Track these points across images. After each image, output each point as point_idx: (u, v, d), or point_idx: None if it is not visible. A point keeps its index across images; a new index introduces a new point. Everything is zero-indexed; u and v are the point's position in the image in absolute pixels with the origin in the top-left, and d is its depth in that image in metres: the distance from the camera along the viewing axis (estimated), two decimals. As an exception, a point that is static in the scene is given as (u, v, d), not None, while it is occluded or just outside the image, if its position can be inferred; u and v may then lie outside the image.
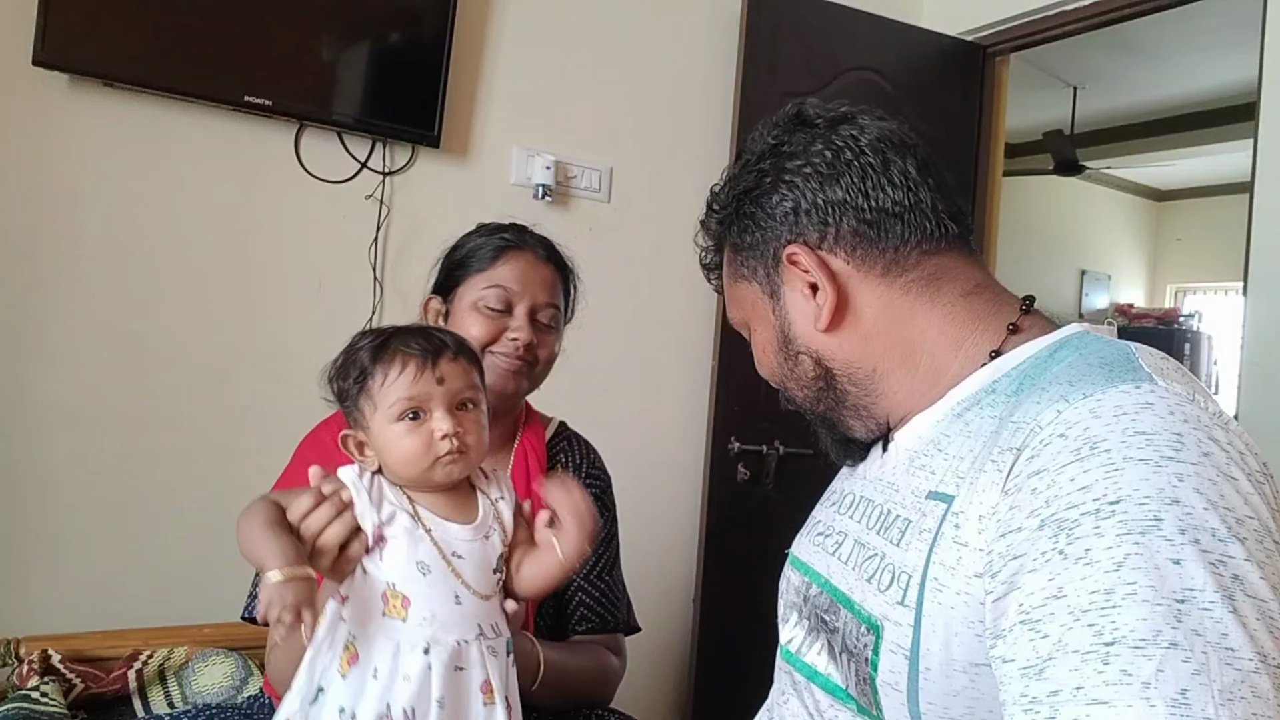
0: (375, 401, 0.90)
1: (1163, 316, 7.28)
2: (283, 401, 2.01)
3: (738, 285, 0.87)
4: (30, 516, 1.81)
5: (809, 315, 0.79)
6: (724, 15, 2.51)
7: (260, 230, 2.01)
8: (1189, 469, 0.56)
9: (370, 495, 0.90)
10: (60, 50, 1.74)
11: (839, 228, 0.78)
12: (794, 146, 0.80)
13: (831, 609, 0.78)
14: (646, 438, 2.42)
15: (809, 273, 0.78)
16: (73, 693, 1.48)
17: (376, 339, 0.94)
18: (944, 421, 0.74)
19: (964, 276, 0.79)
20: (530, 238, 1.29)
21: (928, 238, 0.78)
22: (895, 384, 0.79)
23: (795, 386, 0.85)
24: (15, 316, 1.80)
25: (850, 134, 0.79)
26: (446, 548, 0.90)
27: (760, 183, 0.82)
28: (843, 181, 0.77)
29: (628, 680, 1.35)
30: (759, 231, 0.82)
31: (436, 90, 2.10)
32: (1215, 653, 0.51)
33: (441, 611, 0.88)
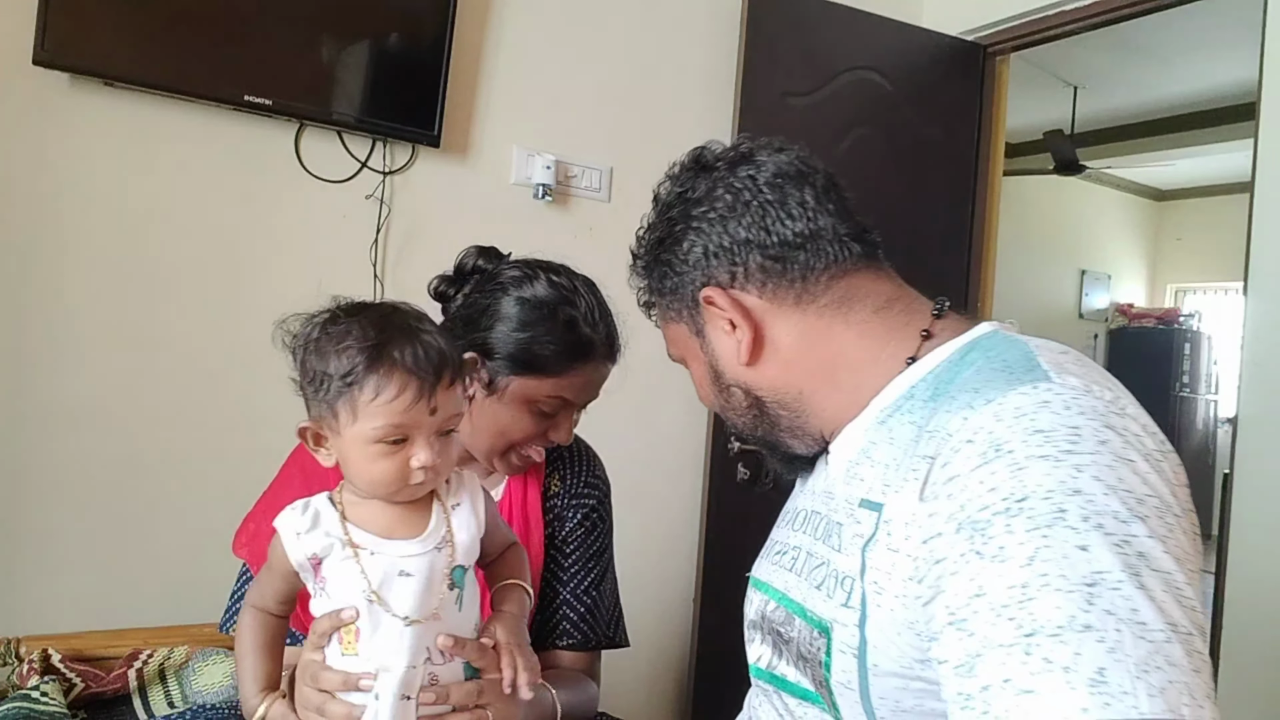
0: (356, 413, 0.82)
1: (1163, 316, 7.29)
2: (283, 402, 2.00)
3: (669, 326, 0.91)
4: (30, 516, 1.81)
5: (732, 350, 0.84)
6: (724, 15, 2.51)
7: (260, 230, 2.01)
8: (1087, 459, 0.59)
9: (300, 531, 0.86)
10: (60, 50, 1.74)
11: (746, 265, 0.81)
12: (698, 193, 0.85)
13: (786, 620, 0.81)
14: (647, 438, 2.42)
15: (725, 311, 0.82)
16: (73, 692, 1.48)
17: (369, 339, 0.84)
18: (870, 429, 0.77)
19: (875, 293, 0.82)
20: (601, 334, 1.13)
21: (833, 262, 0.81)
22: (822, 402, 0.82)
23: (732, 415, 0.89)
24: (15, 316, 1.80)
25: (748, 174, 0.83)
26: (392, 569, 0.84)
27: (671, 231, 0.86)
28: (744, 221, 0.81)
29: (627, 681, 1.35)
30: (675, 277, 0.86)
31: (436, 90, 2.10)
32: (1128, 629, 0.53)
33: (391, 638, 0.83)
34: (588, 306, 1.14)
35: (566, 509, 1.24)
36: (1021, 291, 6.09)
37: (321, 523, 0.86)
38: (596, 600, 1.25)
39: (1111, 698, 0.51)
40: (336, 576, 0.85)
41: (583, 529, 1.25)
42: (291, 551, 0.86)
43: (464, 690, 0.88)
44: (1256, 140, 2.07)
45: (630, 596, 1.40)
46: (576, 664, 1.22)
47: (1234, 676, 2.00)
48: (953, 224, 2.79)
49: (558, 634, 1.22)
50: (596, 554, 1.26)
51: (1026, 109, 4.85)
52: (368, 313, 0.88)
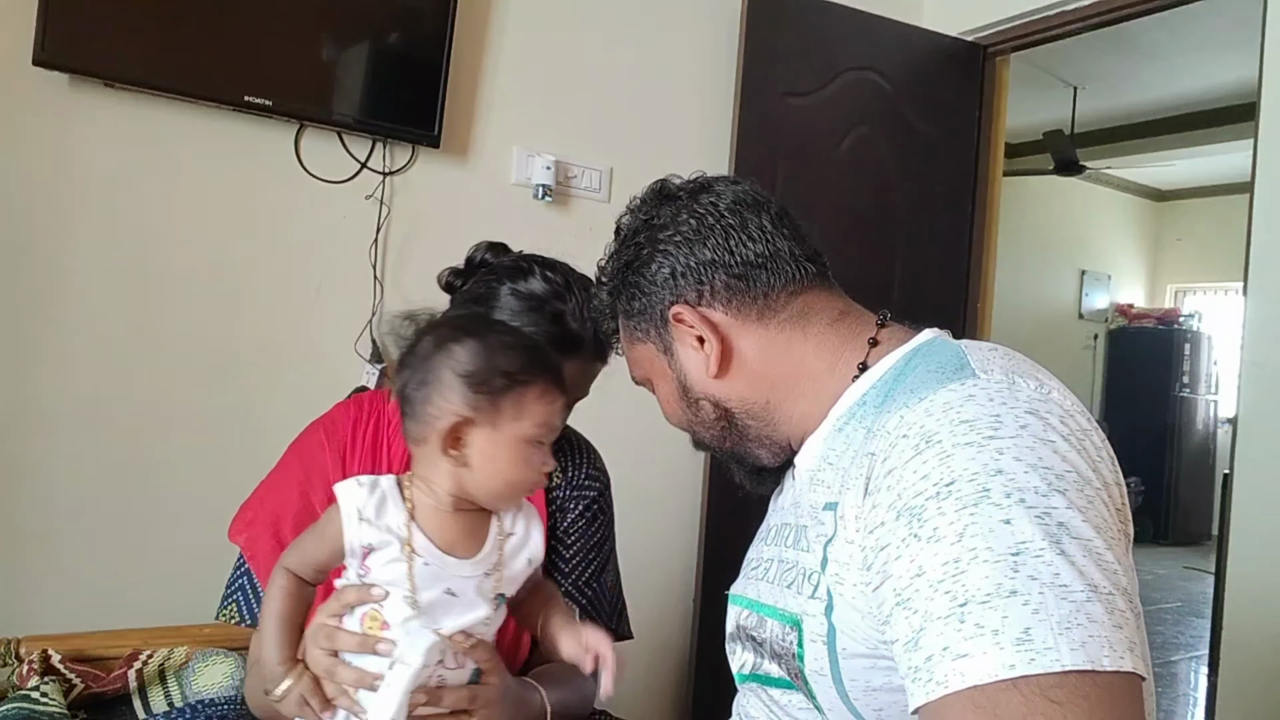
0: (522, 410, 0.86)
1: (1163, 316, 7.29)
2: (283, 401, 2.01)
3: (635, 348, 0.95)
4: (30, 516, 1.81)
5: (700, 365, 0.88)
6: (724, 15, 2.51)
7: (260, 230, 2.01)
8: (1008, 442, 0.64)
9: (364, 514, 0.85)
10: (60, 50, 1.74)
11: (713, 284, 0.87)
12: (663, 219, 0.90)
13: (759, 624, 0.85)
14: (646, 437, 2.42)
15: (694, 328, 0.87)
16: (73, 692, 1.48)
17: (532, 344, 0.91)
18: (829, 437, 0.83)
19: (828, 308, 0.89)
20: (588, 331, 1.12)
21: (791, 280, 0.88)
22: (789, 410, 0.88)
23: (701, 429, 0.93)
24: (15, 316, 1.80)
25: (710, 201, 0.89)
26: (440, 585, 0.85)
27: (639, 255, 0.90)
28: (709, 243, 0.87)
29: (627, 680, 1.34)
30: (644, 298, 0.90)
31: (436, 90, 2.10)
32: (1050, 591, 0.58)
33: (417, 640, 0.84)
34: (578, 303, 1.14)
35: (568, 500, 1.24)
36: (1021, 291, 6.09)
37: (386, 514, 0.86)
38: (598, 592, 1.24)
39: (1036, 653, 0.56)
40: (383, 573, 0.85)
41: (584, 520, 1.24)
42: (350, 533, 0.85)
43: (456, 695, 0.88)
44: (1256, 140, 2.07)
45: (630, 596, 1.40)
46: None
47: (1234, 676, 2.00)
48: (953, 224, 2.79)
49: None
50: (597, 545, 1.25)
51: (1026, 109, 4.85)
52: (498, 323, 0.97)
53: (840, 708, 0.75)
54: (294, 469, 1.19)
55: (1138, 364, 7.01)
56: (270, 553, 1.08)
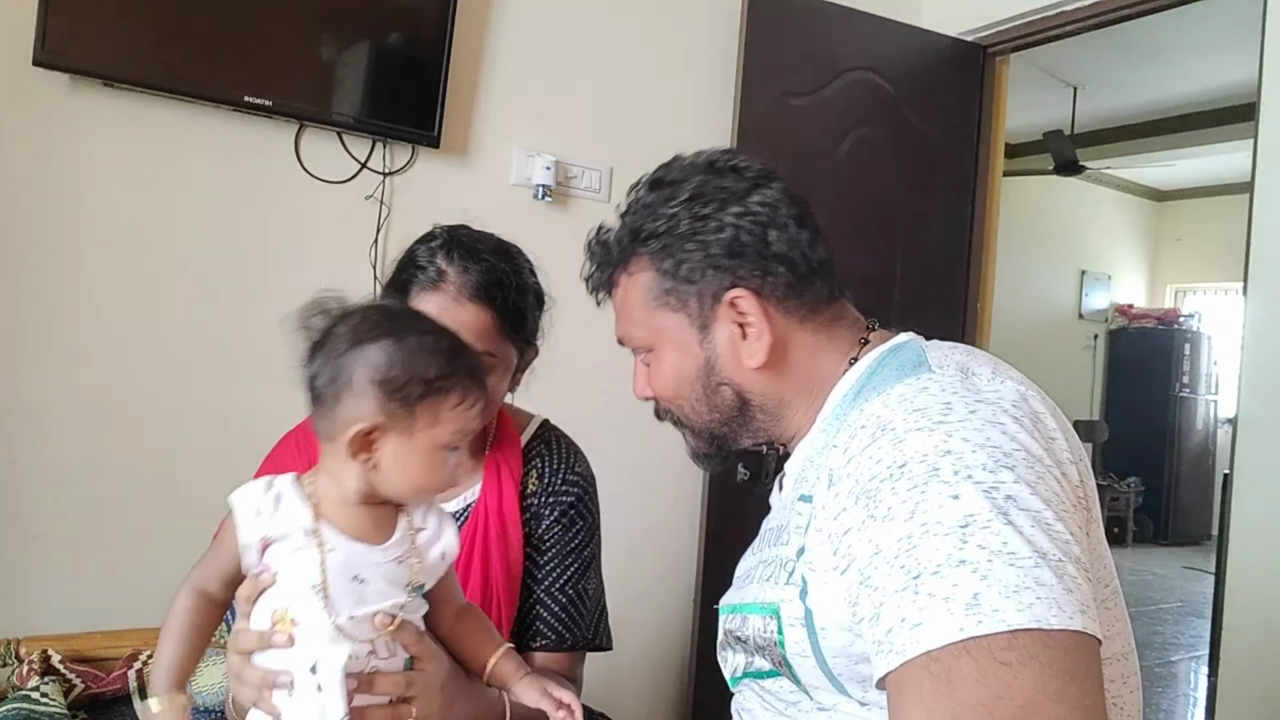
0: (438, 417, 0.83)
1: (1163, 316, 7.29)
2: (283, 401, 2.00)
3: (656, 312, 0.90)
4: (30, 516, 1.81)
5: (737, 352, 0.87)
6: (724, 15, 2.51)
7: (260, 230, 2.01)
8: (956, 425, 0.68)
9: (261, 511, 0.85)
10: (60, 50, 1.74)
11: (776, 278, 0.86)
12: (733, 191, 0.87)
13: (741, 624, 0.86)
14: (646, 437, 2.42)
15: (747, 316, 0.86)
16: (73, 693, 1.49)
17: (451, 347, 0.86)
18: (813, 438, 0.86)
19: (849, 317, 0.91)
20: (458, 267, 1.11)
21: (833, 289, 0.90)
22: (795, 410, 0.90)
23: (704, 409, 0.92)
24: (15, 316, 1.80)
25: (779, 193, 0.88)
26: (348, 570, 0.83)
27: (703, 220, 0.86)
28: (783, 236, 0.86)
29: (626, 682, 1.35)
30: (698, 268, 0.86)
31: (436, 90, 2.10)
32: (998, 559, 0.60)
33: (330, 632, 0.82)
34: (449, 244, 1.14)
35: (544, 506, 1.21)
36: (1021, 291, 6.09)
37: (283, 507, 0.85)
38: (574, 599, 1.20)
39: (984, 616, 0.58)
40: (287, 564, 0.84)
41: (560, 525, 1.21)
42: (243, 529, 0.85)
43: (391, 680, 0.87)
44: (1256, 140, 2.07)
45: (630, 597, 1.39)
46: (552, 665, 1.17)
47: (1234, 676, 2.00)
48: (953, 224, 2.79)
49: (531, 634, 1.17)
50: (575, 550, 1.22)
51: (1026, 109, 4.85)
52: (419, 319, 0.90)
53: (826, 685, 0.77)
54: (291, 457, 1.19)
55: (1137, 364, 7.01)
56: None
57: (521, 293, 1.15)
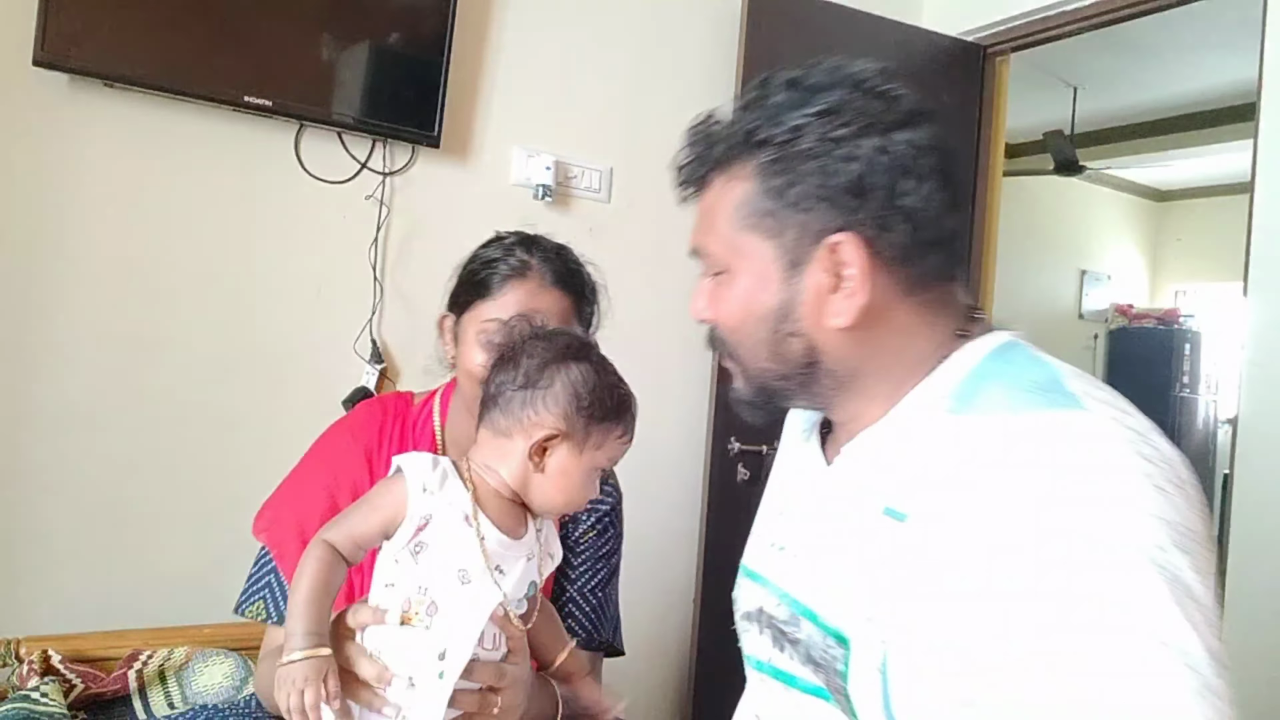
0: (604, 443, 0.93)
1: (1163, 317, 7.28)
2: (283, 401, 2.01)
3: (744, 233, 0.77)
4: (30, 516, 1.81)
5: (823, 304, 0.74)
6: (724, 15, 2.51)
7: (260, 230, 2.01)
8: (1126, 491, 0.59)
9: (428, 486, 0.88)
10: (60, 50, 1.74)
11: (894, 234, 0.72)
12: (877, 122, 0.72)
13: (792, 620, 0.78)
14: (646, 438, 2.41)
15: (848, 267, 0.72)
16: (73, 693, 1.48)
17: (623, 386, 0.96)
18: (891, 434, 0.75)
19: (954, 301, 0.79)
20: (539, 259, 1.20)
21: (951, 266, 0.77)
22: (868, 389, 0.78)
23: (763, 354, 0.80)
24: (15, 316, 1.80)
25: (932, 138, 0.74)
26: (493, 559, 0.88)
27: (834, 147, 0.72)
28: (919, 190, 0.72)
29: (627, 681, 1.35)
30: (809, 198, 0.73)
31: (436, 90, 2.10)
32: (1178, 661, 0.53)
33: (467, 624, 0.86)
34: (523, 241, 1.22)
35: (581, 511, 1.25)
36: (1021, 291, 6.09)
37: (448, 488, 0.89)
38: (602, 602, 1.27)
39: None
40: (443, 544, 0.87)
41: (594, 531, 1.27)
42: (414, 503, 0.87)
43: (487, 670, 0.89)
44: (1256, 140, 2.07)
45: (630, 597, 1.40)
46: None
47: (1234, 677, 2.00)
48: (953, 224, 2.78)
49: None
50: (605, 556, 1.28)
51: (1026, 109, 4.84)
52: (607, 361, 0.99)
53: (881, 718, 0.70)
54: (320, 470, 1.20)
55: (1138, 364, 7.00)
56: (297, 553, 1.09)
57: (589, 282, 1.27)
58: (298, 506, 1.17)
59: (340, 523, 0.90)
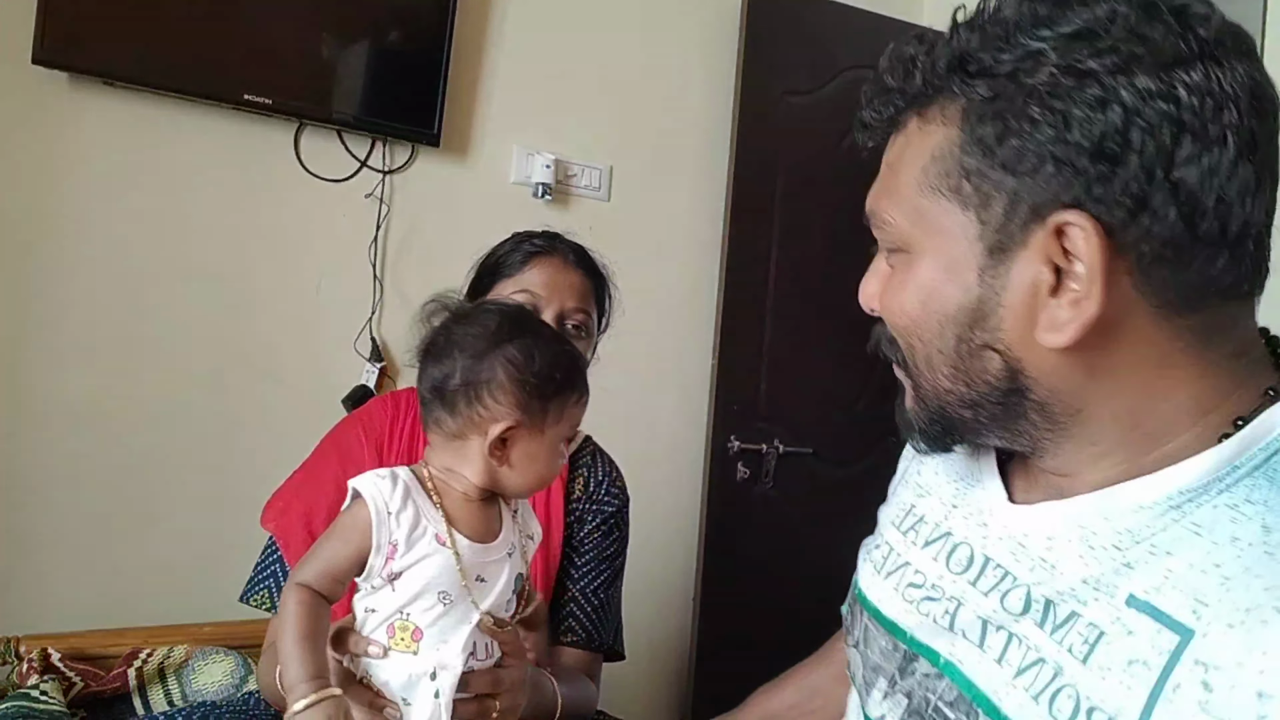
0: (562, 414, 0.89)
1: None
2: (282, 400, 2.01)
3: (933, 196, 0.57)
4: (30, 516, 1.81)
5: (1034, 312, 0.54)
6: (724, 15, 2.51)
7: (260, 229, 2.01)
8: None
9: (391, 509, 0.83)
10: (60, 50, 1.74)
11: (1156, 224, 0.51)
12: (1156, 54, 0.50)
13: (963, 707, 0.59)
14: (646, 437, 2.42)
15: (1074, 262, 0.52)
16: (73, 691, 1.48)
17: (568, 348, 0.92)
18: (1152, 512, 0.54)
19: (1240, 333, 0.56)
20: (561, 243, 1.27)
21: (1240, 281, 0.54)
22: (1095, 437, 0.57)
23: (944, 369, 0.60)
24: (15, 316, 1.80)
25: (1249, 84, 0.52)
26: (471, 572, 0.85)
27: (1079, 86, 0.51)
28: (1206, 159, 0.50)
29: (627, 681, 1.35)
30: (1031, 156, 0.52)
31: (436, 89, 2.10)
32: None
33: (454, 638, 0.84)
34: (545, 233, 1.28)
35: (587, 512, 1.28)
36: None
37: (413, 506, 0.84)
38: (603, 603, 1.27)
39: None
40: (419, 570, 0.83)
41: (599, 532, 1.28)
42: (379, 531, 0.82)
43: (481, 679, 0.89)
44: (1256, 140, 2.06)
45: (630, 597, 1.40)
46: (578, 663, 1.24)
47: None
48: (952, 224, 2.78)
49: (564, 630, 1.24)
50: (610, 558, 1.29)
51: (1026, 109, 4.84)
52: (538, 320, 0.96)
53: None
54: (330, 463, 1.21)
55: (1137, 364, 7.00)
56: (303, 544, 1.10)
57: (605, 275, 1.31)
58: (306, 498, 1.18)
59: (311, 560, 0.85)
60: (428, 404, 0.88)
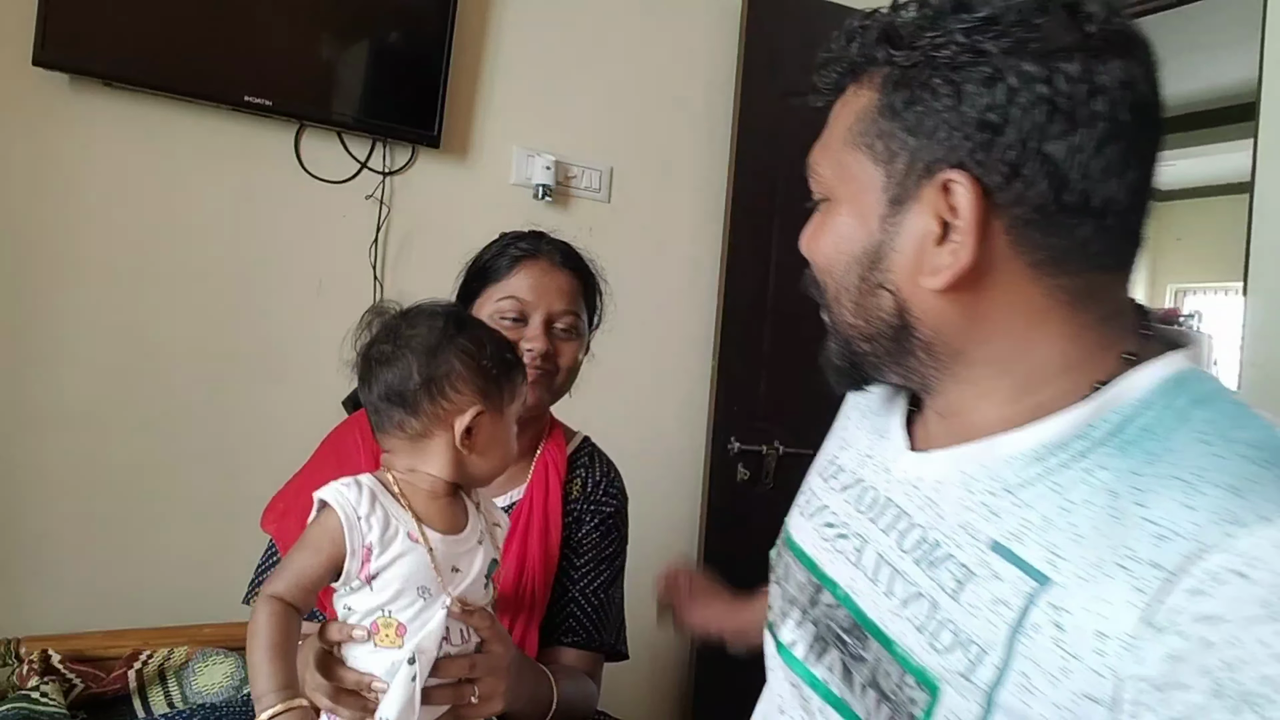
0: (515, 392, 0.94)
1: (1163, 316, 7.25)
2: (283, 402, 2.01)
3: (853, 151, 0.65)
4: (30, 517, 1.81)
5: (921, 258, 0.62)
6: (724, 15, 2.51)
7: (260, 230, 2.01)
8: None
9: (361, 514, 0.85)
10: (60, 50, 1.74)
11: (1028, 190, 0.58)
12: (1043, 42, 0.57)
13: (857, 634, 0.66)
14: (646, 437, 2.42)
15: (956, 215, 0.60)
16: (73, 693, 1.48)
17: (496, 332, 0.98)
18: (1020, 463, 0.61)
19: (1111, 298, 0.64)
20: (546, 244, 1.27)
21: (1106, 254, 0.61)
22: (974, 379, 0.65)
23: (849, 306, 0.67)
24: (15, 317, 1.80)
25: (1122, 78, 0.58)
26: (446, 564, 0.88)
27: (974, 63, 0.58)
28: (1074, 138, 0.57)
29: (627, 681, 1.35)
30: (929, 120, 0.60)
31: (436, 90, 2.10)
32: None
33: (433, 627, 0.86)
34: (530, 234, 1.29)
35: (585, 512, 1.28)
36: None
37: (382, 509, 0.86)
38: (604, 603, 1.27)
39: None
40: (395, 569, 0.85)
41: (598, 533, 1.28)
42: (351, 536, 0.84)
43: (458, 664, 0.90)
44: (1256, 140, 2.06)
45: (630, 597, 1.40)
46: (579, 663, 1.24)
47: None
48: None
49: (564, 630, 1.24)
50: (609, 558, 1.29)
51: (1026, 109, 4.84)
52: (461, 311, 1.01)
53: None
54: (329, 465, 1.22)
55: (1138, 364, 7.00)
56: None
57: (594, 274, 1.32)
58: (305, 500, 1.18)
59: (282, 572, 0.86)
60: (383, 410, 0.90)
